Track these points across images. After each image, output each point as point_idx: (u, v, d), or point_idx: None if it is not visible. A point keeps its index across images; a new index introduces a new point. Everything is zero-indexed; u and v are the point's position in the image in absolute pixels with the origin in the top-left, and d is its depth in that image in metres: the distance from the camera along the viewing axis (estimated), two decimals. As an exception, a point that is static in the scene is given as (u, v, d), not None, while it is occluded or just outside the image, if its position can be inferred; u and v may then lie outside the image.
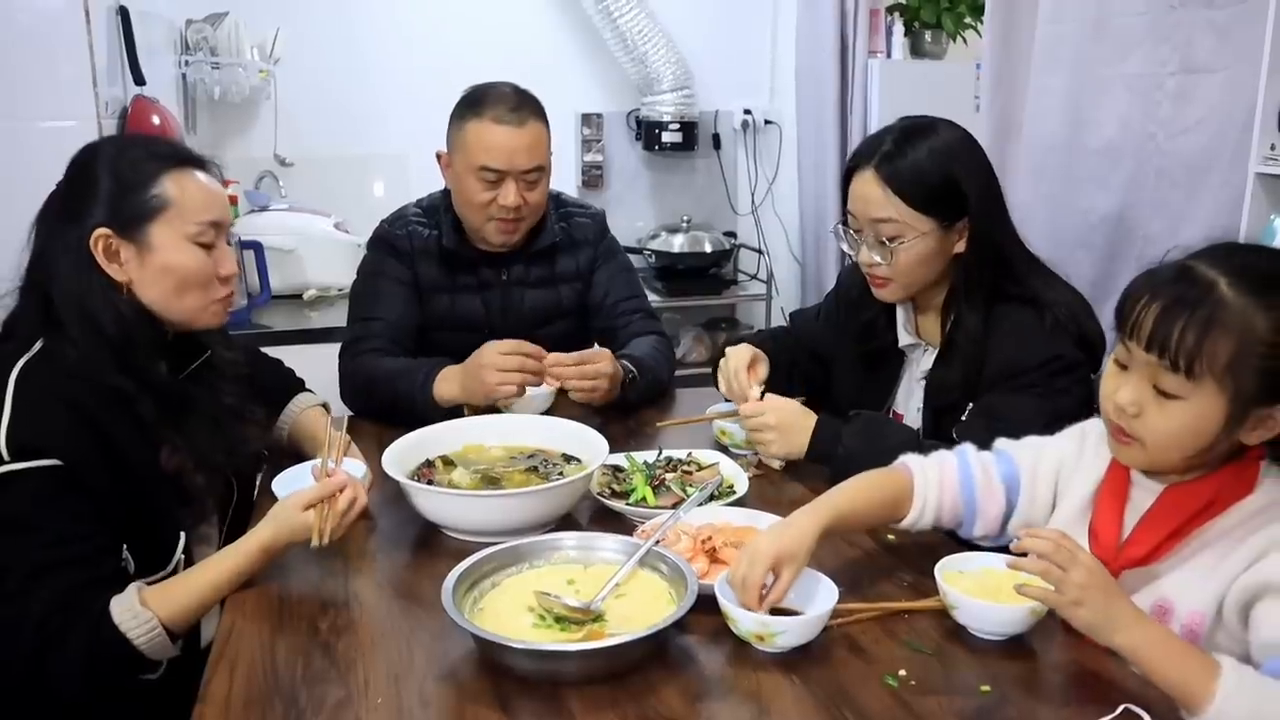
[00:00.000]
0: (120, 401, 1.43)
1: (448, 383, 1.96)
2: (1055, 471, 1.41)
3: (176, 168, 1.50)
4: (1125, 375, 1.23)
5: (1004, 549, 1.39)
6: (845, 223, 1.76)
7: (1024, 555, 1.18)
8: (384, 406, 2.02)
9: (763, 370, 1.88)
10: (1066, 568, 1.14)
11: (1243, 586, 1.16)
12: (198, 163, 1.54)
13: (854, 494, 1.41)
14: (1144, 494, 1.28)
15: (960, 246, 1.70)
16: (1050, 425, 1.47)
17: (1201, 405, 1.16)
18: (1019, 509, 1.43)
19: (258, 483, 1.79)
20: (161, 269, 1.48)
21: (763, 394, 1.80)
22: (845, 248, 1.79)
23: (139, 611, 1.31)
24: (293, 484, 1.57)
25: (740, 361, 1.86)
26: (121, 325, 1.45)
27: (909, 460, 1.48)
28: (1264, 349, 1.13)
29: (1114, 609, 1.13)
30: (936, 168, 1.66)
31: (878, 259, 1.71)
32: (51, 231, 1.47)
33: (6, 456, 1.32)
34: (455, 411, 1.95)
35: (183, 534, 1.50)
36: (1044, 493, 1.41)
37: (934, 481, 1.44)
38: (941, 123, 1.72)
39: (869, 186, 1.68)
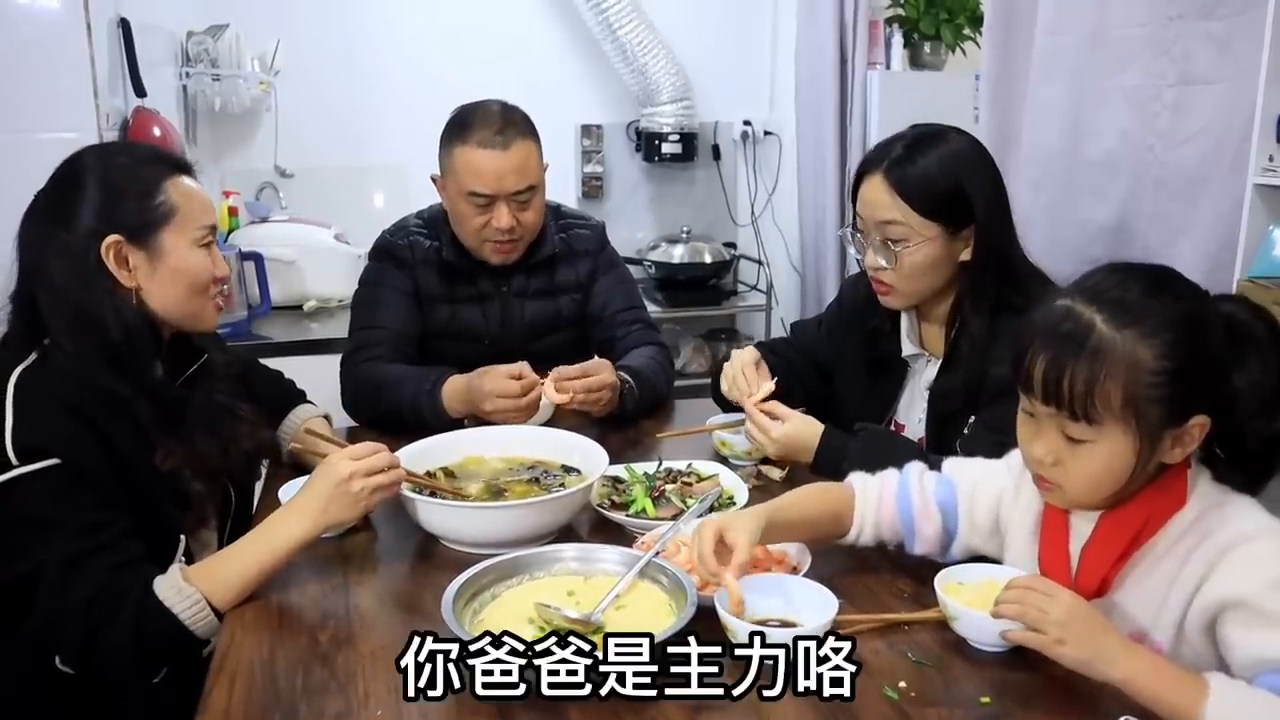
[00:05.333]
0: (117, 405, 1.44)
1: (454, 392, 1.97)
2: (995, 500, 1.40)
3: (173, 174, 1.54)
4: (1035, 425, 1.22)
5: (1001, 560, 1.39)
6: (855, 226, 1.77)
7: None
8: (388, 411, 2.02)
9: (765, 372, 1.89)
10: (1045, 609, 1.14)
11: (1201, 608, 1.16)
12: (187, 168, 1.59)
13: (798, 499, 1.45)
14: (1083, 522, 1.27)
15: (966, 254, 1.70)
16: None
17: (1112, 444, 1.16)
18: (960, 534, 1.43)
19: (256, 491, 1.79)
20: (172, 274, 1.51)
21: (769, 396, 1.82)
22: (853, 251, 1.80)
23: (182, 587, 1.35)
24: None
25: (748, 358, 1.88)
26: (126, 330, 1.47)
27: (855, 478, 1.49)
28: (1153, 378, 1.13)
29: (1099, 642, 1.12)
30: (945, 175, 1.66)
31: (883, 262, 1.71)
32: (41, 240, 1.48)
33: (14, 460, 1.34)
34: (456, 424, 1.96)
35: (183, 538, 1.51)
36: (983, 520, 1.41)
37: (873, 498, 1.45)
38: (953, 131, 1.73)
39: (877, 191, 1.69)
